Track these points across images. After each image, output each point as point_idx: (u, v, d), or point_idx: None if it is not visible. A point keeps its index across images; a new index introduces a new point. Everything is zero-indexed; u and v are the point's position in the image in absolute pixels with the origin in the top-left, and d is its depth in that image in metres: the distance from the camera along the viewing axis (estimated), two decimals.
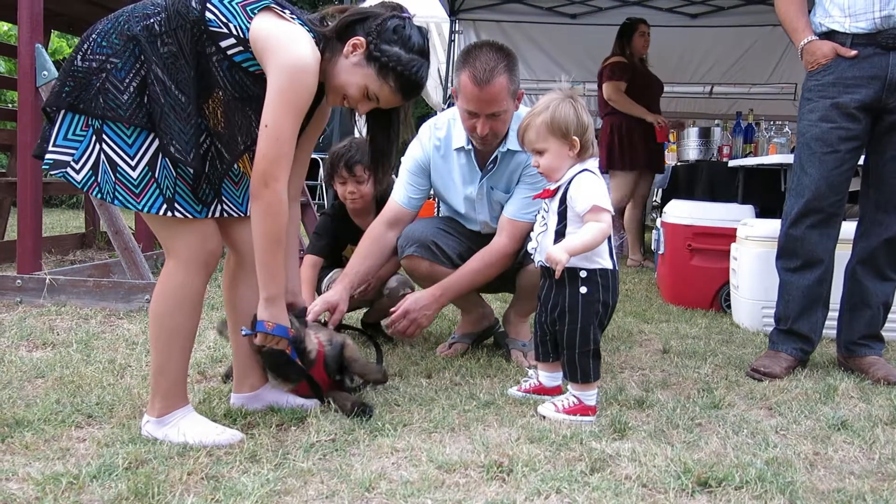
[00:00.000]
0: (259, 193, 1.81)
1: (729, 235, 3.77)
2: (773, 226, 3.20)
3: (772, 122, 5.82)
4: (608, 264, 2.15)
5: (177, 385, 1.93)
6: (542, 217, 2.21)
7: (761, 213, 3.98)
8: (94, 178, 1.80)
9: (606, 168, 5.50)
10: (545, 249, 2.15)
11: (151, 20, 1.81)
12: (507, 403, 2.26)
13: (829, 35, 2.63)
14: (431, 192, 2.94)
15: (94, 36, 1.83)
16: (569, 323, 2.14)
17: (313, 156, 2.48)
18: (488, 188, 2.76)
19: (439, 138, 2.79)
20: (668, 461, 1.82)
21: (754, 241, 3.46)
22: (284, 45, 1.80)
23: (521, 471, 1.74)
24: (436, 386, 2.42)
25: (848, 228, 2.79)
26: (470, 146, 2.71)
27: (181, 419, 1.91)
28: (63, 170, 1.80)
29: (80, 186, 1.81)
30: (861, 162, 2.75)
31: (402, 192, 2.84)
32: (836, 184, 2.64)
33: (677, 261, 4.06)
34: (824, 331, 2.80)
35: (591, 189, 2.09)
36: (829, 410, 2.26)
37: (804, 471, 1.82)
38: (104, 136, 1.79)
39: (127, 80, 1.78)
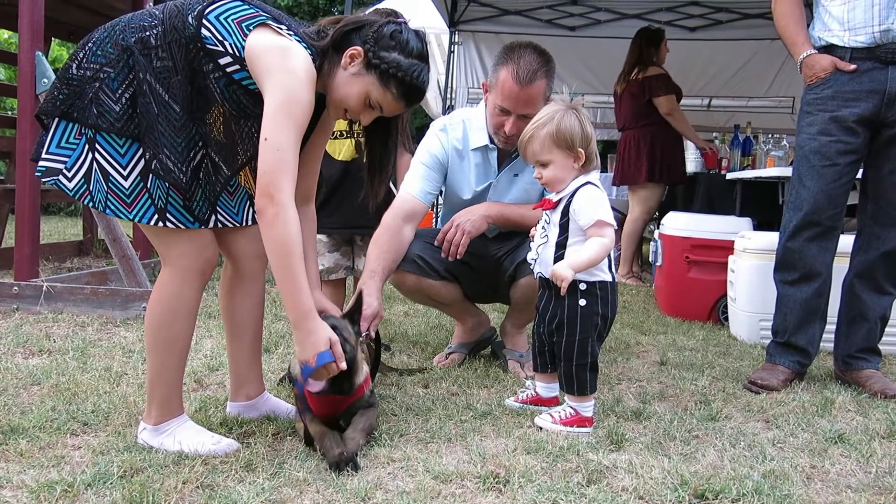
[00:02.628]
0: (264, 208, 1.74)
1: (727, 248, 3.78)
2: (770, 238, 3.21)
3: (770, 135, 5.82)
4: (607, 277, 2.15)
5: (173, 394, 1.92)
6: (543, 228, 2.20)
7: (759, 226, 3.99)
8: (86, 186, 1.79)
9: (647, 179, 5.26)
10: (546, 261, 2.15)
11: (147, 33, 1.78)
12: (504, 414, 2.26)
13: (829, 49, 2.64)
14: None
15: (90, 44, 1.81)
16: (567, 335, 2.14)
17: None
18: (511, 176, 2.77)
19: (458, 139, 2.78)
20: (664, 473, 1.81)
21: (752, 254, 3.47)
22: (279, 62, 1.75)
23: (517, 482, 1.73)
24: (433, 396, 2.41)
25: (846, 242, 2.80)
26: (493, 145, 2.71)
27: (177, 428, 1.90)
28: (55, 177, 1.79)
29: (71, 194, 1.79)
30: (859, 176, 2.76)
31: (419, 185, 2.74)
32: (835, 197, 2.65)
33: (675, 273, 4.06)
34: (822, 344, 2.80)
35: (596, 203, 2.08)
36: (826, 423, 2.26)
37: (801, 484, 1.81)
38: (97, 146, 1.77)
39: (119, 91, 1.76)
